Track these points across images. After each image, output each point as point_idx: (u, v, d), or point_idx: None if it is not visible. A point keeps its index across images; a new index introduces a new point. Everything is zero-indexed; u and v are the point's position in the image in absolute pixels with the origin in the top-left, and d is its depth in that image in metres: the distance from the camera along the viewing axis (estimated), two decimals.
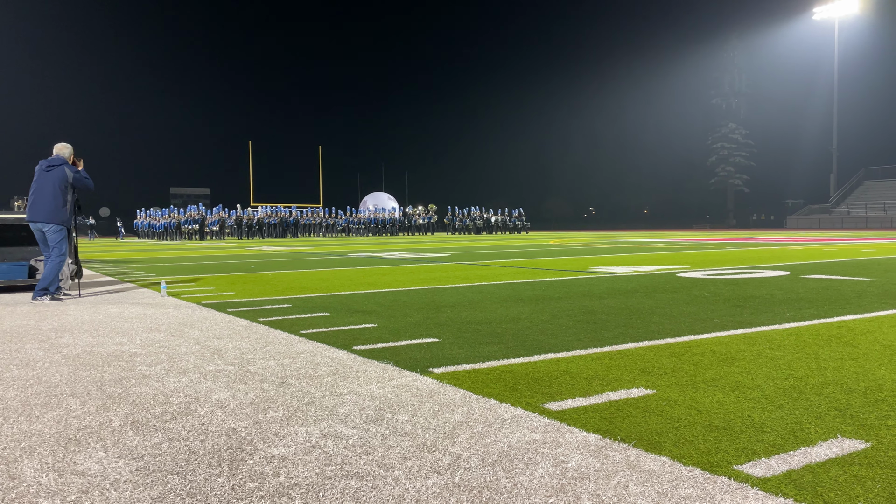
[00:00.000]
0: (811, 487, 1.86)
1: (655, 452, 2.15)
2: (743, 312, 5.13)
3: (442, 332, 4.43)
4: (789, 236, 28.01)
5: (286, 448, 2.25)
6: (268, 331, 4.62)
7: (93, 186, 7.17)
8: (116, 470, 2.08)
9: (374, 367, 3.44)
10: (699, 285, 7.18)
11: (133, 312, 5.74)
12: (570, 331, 4.43)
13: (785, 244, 18.61)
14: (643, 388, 2.93)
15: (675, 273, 8.87)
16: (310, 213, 46.48)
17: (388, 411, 2.65)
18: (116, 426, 2.53)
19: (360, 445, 2.27)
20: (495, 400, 2.78)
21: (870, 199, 55.67)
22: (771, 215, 70.70)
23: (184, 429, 2.48)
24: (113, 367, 3.55)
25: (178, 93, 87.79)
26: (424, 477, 1.99)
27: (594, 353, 3.68)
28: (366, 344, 4.06)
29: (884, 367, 3.26)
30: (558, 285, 7.51)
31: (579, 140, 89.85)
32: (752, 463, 2.04)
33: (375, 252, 17.34)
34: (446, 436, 2.35)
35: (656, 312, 5.19)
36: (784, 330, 4.35)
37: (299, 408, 2.73)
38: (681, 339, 4.09)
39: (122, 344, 4.25)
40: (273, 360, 3.66)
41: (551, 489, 1.89)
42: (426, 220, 48.96)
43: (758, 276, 8.12)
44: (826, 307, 5.34)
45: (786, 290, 6.61)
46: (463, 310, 5.52)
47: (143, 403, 2.84)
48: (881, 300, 5.74)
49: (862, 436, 2.27)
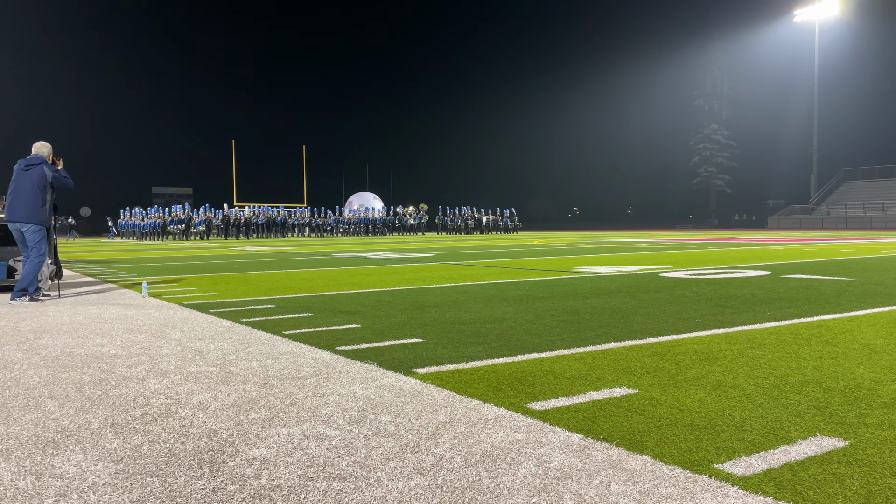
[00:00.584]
0: (790, 486, 1.87)
1: (637, 452, 2.16)
2: (724, 312, 5.17)
3: (426, 333, 4.42)
4: (770, 236, 28.29)
5: (268, 450, 2.24)
6: (250, 331, 4.59)
7: (72, 186, 7.09)
8: (95, 473, 2.06)
9: (358, 367, 3.43)
10: (682, 285, 7.23)
11: (114, 313, 5.68)
12: (554, 330, 4.44)
13: (766, 244, 18.80)
14: (626, 388, 2.94)
15: (658, 273, 8.93)
16: (298, 212, 45.87)
17: (372, 412, 2.65)
18: (96, 428, 2.50)
19: (343, 447, 2.26)
20: (479, 400, 2.78)
21: (849, 200, 56.38)
22: (752, 215, 71.40)
23: (164, 431, 2.46)
24: (93, 369, 3.51)
25: (159, 91, 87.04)
26: (407, 478, 1.99)
27: (577, 353, 3.70)
28: (349, 344, 4.04)
29: (862, 366, 3.29)
30: (542, 285, 7.54)
31: (564, 140, 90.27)
32: (733, 461, 2.06)
33: (360, 252, 17.30)
34: (429, 436, 2.34)
35: (639, 312, 5.22)
36: (765, 329, 4.39)
37: (281, 409, 2.71)
38: (663, 338, 4.12)
39: (102, 345, 4.21)
40: (255, 361, 3.64)
41: (534, 489, 1.89)
42: (417, 220, 48.59)
43: (739, 276, 8.19)
44: (806, 306, 5.40)
45: (767, 289, 6.67)
46: (447, 310, 5.52)
47: (123, 405, 2.81)
48: (860, 299, 5.81)
49: (841, 434, 2.30)
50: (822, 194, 59.05)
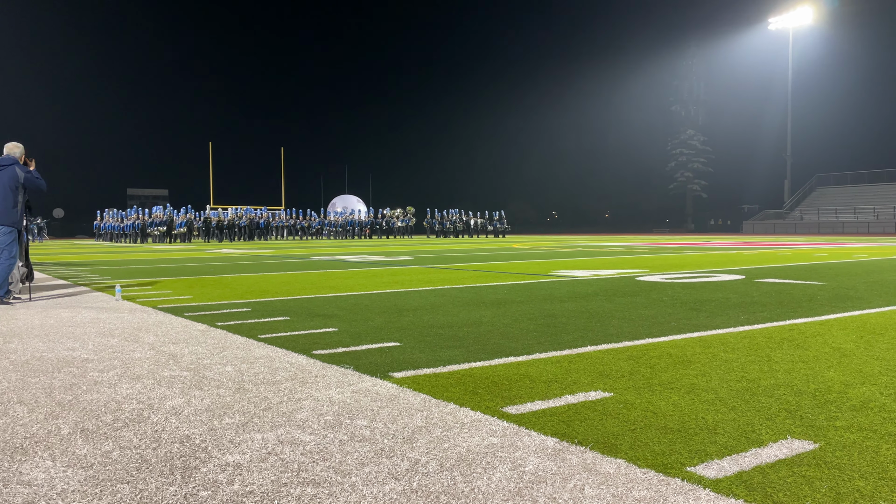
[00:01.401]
0: (761, 488, 1.90)
1: (612, 455, 2.17)
2: (699, 316, 5.23)
3: (403, 337, 4.41)
4: (745, 241, 28.66)
5: (241, 455, 2.22)
6: (225, 335, 4.55)
7: (45, 187, 6.98)
8: (64, 479, 2.02)
9: (334, 371, 3.41)
10: (657, 289, 7.30)
11: (86, 317, 5.60)
12: (531, 334, 4.46)
13: (741, 248, 19.04)
14: (601, 391, 2.96)
15: (635, 277, 9.00)
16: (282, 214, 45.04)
17: (347, 417, 2.63)
18: (65, 434, 2.46)
19: (318, 452, 2.24)
20: (455, 404, 2.78)
21: (822, 206, 57.36)
22: (728, 220, 72.27)
23: (136, 436, 2.42)
24: (63, 374, 3.46)
25: (135, 92, 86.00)
26: (382, 483, 1.98)
27: (554, 357, 3.71)
28: (326, 348, 4.02)
29: (832, 370, 3.35)
30: (520, 289, 7.56)
31: (542, 145, 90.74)
32: (705, 464, 2.08)
33: (338, 255, 17.23)
34: (405, 441, 2.34)
35: (615, 316, 5.26)
36: (738, 333, 4.44)
37: (256, 414, 2.69)
38: (639, 342, 4.15)
39: (73, 349, 4.14)
40: (230, 365, 3.61)
41: (508, 493, 1.89)
42: (404, 223, 47.92)
43: (714, 280, 8.29)
44: (779, 310, 5.48)
45: (741, 293, 6.76)
46: (425, 313, 5.51)
47: (94, 410, 2.77)
48: (831, 304, 5.90)
49: (811, 437, 2.33)
50: (795, 200, 60.01)
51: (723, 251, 17.36)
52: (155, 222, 38.02)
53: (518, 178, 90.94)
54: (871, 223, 50.12)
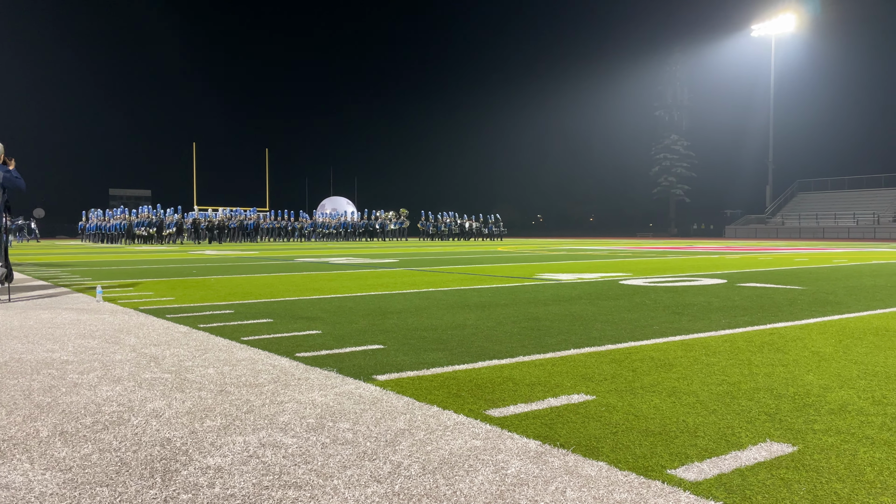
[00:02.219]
0: (740, 490, 1.92)
1: (593, 458, 2.18)
2: (681, 319, 5.26)
3: (387, 339, 4.41)
4: (727, 245, 28.92)
5: (222, 458, 2.20)
6: (208, 337, 4.52)
7: (24, 187, 6.90)
8: (42, 482, 2.00)
9: (317, 374, 3.40)
10: (640, 293, 7.34)
11: (66, 318, 5.54)
12: (515, 337, 4.47)
13: (723, 253, 19.20)
14: (584, 394, 2.97)
15: (618, 280, 9.05)
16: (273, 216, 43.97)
17: (330, 419, 2.63)
18: (44, 437, 2.43)
19: (300, 455, 2.24)
20: (438, 407, 2.79)
21: (803, 211, 58.00)
22: (710, 225, 72.90)
23: (115, 439, 2.40)
24: (42, 375, 3.42)
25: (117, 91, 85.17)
26: (364, 486, 1.98)
27: (537, 360, 3.73)
28: (309, 351, 4.01)
29: (812, 373, 3.39)
30: (504, 292, 7.58)
31: (527, 149, 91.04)
32: (685, 467, 2.10)
33: (322, 257, 17.17)
34: (387, 444, 2.34)
35: (598, 319, 5.28)
36: (719, 337, 4.48)
37: (238, 416, 2.68)
38: (621, 345, 4.17)
39: (53, 351, 4.09)
40: (212, 367, 3.58)
41: (490, 496, 1.90)
42: (398, 226, 47.11)
43: (696, 284, 8.36)
44: (759, 315, 5.53)
45: (722, 297, 6.82)
46: (409, 316, 5.51)
47: (74, 413, 2.74)
48: (811, 308, 5.97)
49: (790, 440, 2.36)
50: (777, 205, 60.63)
51: (705, 255, 17.50)
52: (143, 223, 36.93)
53: (503, 182, 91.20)
54: (850, 228, 50.76)
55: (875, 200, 54.78)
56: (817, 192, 60.75)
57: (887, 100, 63.86)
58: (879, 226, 49.86)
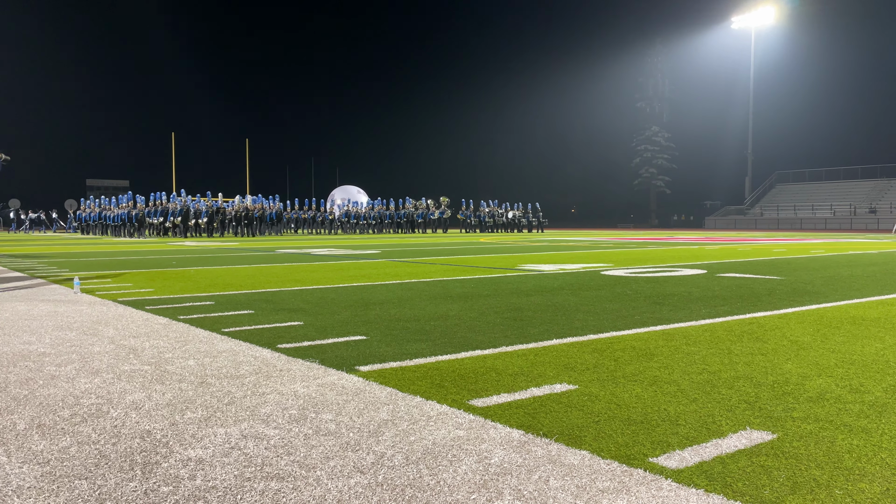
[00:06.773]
0: (721, 478, 1.94)
1: (576, 447, 2.19)
2: (662, 309, 5.30)
3: (370, 330, 4.39)
4: (707, 236, 29.18)
5: (203, 450, 2.18)
6: (188, 329, 4.48)
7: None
8: (20, 476, 1.97)
9: (299, 365, 3.38)
10: (622, 283, 7.38)
11: (43, 310, 5.46)
12: (498, 328, 4.48)
13: (703, 244, 19.38)
14: (566, 384, 2.99)
15: (600, 271, 9.10)
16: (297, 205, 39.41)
17: (312, 410, 2.61)
18: (21, 430, 2.39)
19: (282, 446, 2.22)
20: (421, 397, 2.78)
21: (781, 202, 58.66)
22: (690, 216, 73.50)
23: (94, 431, 2.37)
24: (19, 368, 3.37)
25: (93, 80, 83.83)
26: (347, 476, 1.97)
27: (520, 350, 3.73)
28: (291, 342, 3.99)
29: (790, 362, 3.43)
30: (487, 282, 7.58)
31: (508, 140, 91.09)
32: (667, 455, 2.11)
33: (304, 248, 17.08)
34: (371, 434, 2.33)
35: (580, 309, 5.31)
36: (700, 326, 4.52)
37: (219, 408, 2.65)
38: (603, 335, 4.20)
39: (29, 343, 4.03)
40: (193, 359, 3.55)
41: (474, 485, 1.90)
42: (440, 216, 41.06)
43: (677, 275, 8.42)
44: (739, 304, 5.59)
45: (702, 287, 6.88)
46: (392, 307, 5.50)
47: (51, 405, 2.70)
48: (790, 298, 6.04)
49: (769, 427, 2.38)
50: (755, 196, 61.26)
51: (685, 246, 17.65)
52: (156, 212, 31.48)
53: (485, 174, 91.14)
54: (828, 219, 51.42)
55: (852, 192, 55.55)
56: (795, 184, 61.47)
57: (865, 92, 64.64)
58: (856, 217, 50.56)
